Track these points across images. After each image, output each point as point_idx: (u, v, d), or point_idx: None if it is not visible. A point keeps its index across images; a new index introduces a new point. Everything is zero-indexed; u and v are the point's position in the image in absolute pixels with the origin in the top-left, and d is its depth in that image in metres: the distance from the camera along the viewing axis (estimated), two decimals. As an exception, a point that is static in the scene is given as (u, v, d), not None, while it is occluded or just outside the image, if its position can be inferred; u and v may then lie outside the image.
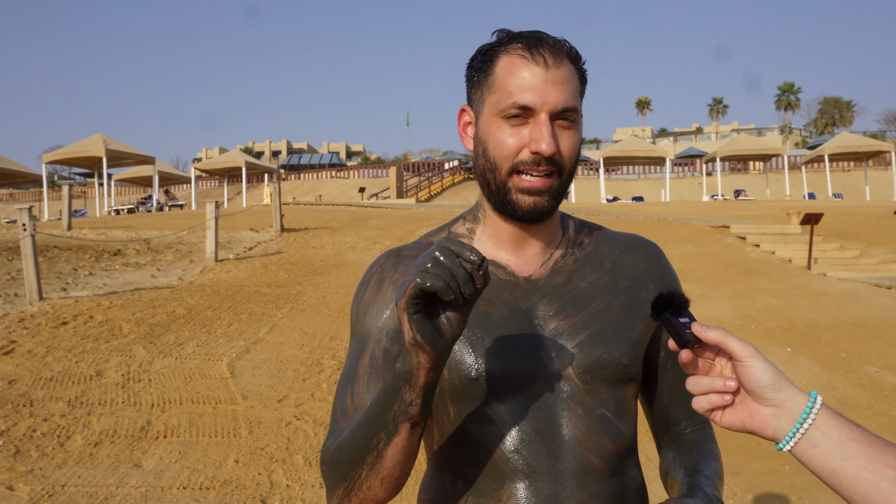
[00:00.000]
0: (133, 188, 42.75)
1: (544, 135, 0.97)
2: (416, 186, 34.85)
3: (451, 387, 1.03)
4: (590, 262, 1.11)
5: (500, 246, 1.09)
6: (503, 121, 1.00)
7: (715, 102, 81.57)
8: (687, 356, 0.84)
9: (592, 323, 1.04)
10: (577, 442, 1.00)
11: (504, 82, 1.00)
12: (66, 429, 4.37)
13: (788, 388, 0.79)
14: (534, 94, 0.97)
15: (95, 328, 6.43)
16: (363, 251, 11.13)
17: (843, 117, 71.61)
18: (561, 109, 0.98)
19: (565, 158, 1.01)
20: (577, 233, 1.15)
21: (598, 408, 1.02)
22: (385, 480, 0.93)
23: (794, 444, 0.78)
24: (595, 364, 1.02)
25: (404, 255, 1.11)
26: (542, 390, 1.01)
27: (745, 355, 0.80)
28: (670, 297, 0.86)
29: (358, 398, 1.02)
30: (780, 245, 11.97)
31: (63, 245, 10.74)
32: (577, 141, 1.02)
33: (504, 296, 1.06)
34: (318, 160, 70.95)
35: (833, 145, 29.34)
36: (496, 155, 1.01)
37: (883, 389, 5.56)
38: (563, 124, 1.00)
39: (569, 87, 0.99)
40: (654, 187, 37.88)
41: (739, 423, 0.82)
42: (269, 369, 5.59)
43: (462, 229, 1.14)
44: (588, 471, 1.00)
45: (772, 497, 3.86)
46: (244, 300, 7.77)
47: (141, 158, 26.52)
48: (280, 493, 3.70)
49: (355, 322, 1.10)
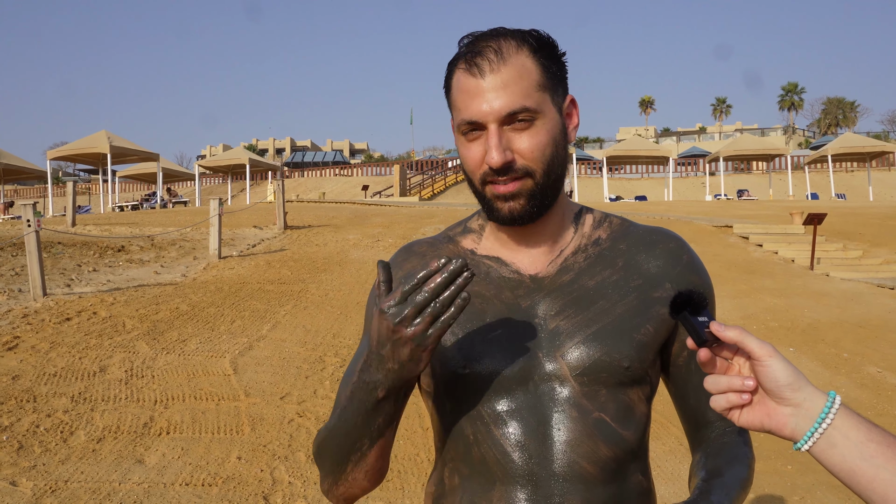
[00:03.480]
0: (137, 185, 42.80)
1: (490, 147, 0.96)
2: (419, 185, 34.84)
3: (443, 381, 1.03)
4: (602, 259, 1.08)
5: (505, 244, 1.09)
6: (463, 137, 1.01)
7: (718, 102, 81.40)
8: (705, 355, 0.84)
9: (594, 323, 1.01)
10: (568, 446, 0.97)
11: (455, 100, 1.01)
12: (69, 424, 4.39)
13: (807, 388, 0.79)
14: (477, 108, 0.96)
15: (99, 324, 6.44)
16: (366, 249, 11.14)
17: (846, 118, 71.41)
18: (507, 114, 0.95)
19: (529, 160, 0.98)
20: (595, 228, 1.11)
21: (596, 412, 0.99)
22: (369, 472, 1.01)
23: (812, 443, 0.78)
24: (593, 366, 0.99)
25: (412, 252, 1.12)
26: (536, 392, 0.99)
27: (764, 354, 0.79)
28: (689, 295, 0.85)
29: None
30: (783, 245, 11.96)
31: (67, 241, 10.77)
32: (544, 137, 0.98)
33: (504, 294, 1.05)
34: (322, 158, 70.92)
35: (836, 146, 29.27)
36: (467, 170, 1.03)
37: (885, 390, 5.56)
38: (519, 126, 0.97)
39: (515, 88, 0.96)
40: (657, 187, 37.82)
41: (757, 423, 0.82)
42: (271, 366, 5.60)
43: (475, 225, 1.15)
44: (580, 477, 0.97)
45: (774, 497, 3.86)
46: (247, 297, 7.78)
47: (145, 155, 26.53)
48: (282, 490, 3.71)
49: (367, 318, 1.13)
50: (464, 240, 1.13)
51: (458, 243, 1.13)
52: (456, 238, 1.14)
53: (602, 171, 30.29)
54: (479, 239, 1.12)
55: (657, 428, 4.73)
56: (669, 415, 4.94)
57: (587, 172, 40.89)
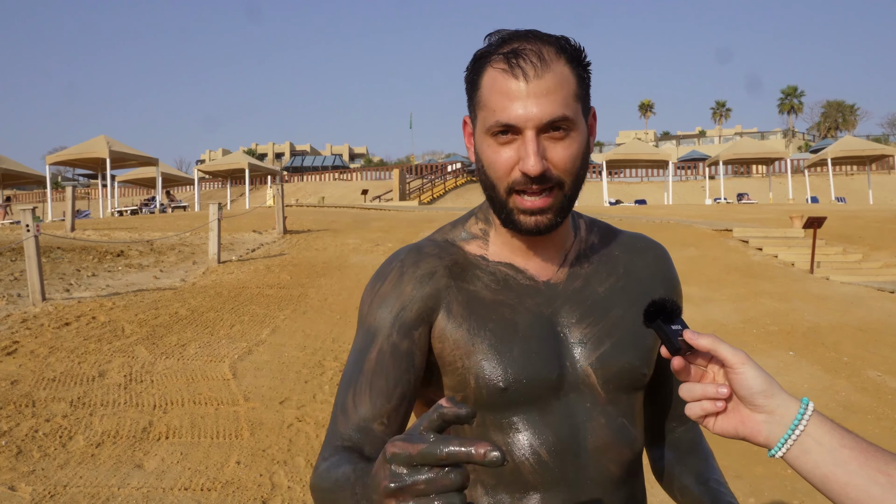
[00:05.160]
0: (136, 190, 42.83)
1: (529, 154, 0.92)
2: (418, 189, 34.87)
3: (476, 396, 1.00)
4: (604, 265, 1.10)
5: (516, 251, 1.07)
6: (492, 139, 0.96)
7: (718, 106, 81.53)
8: (679, 363, 0.85)
9: (614, 332, 1.03)
10: (599, 451, 1.00)
11: (488, 99, 0.96)
12: (68, 429, 4.38)
13: (780, 395, 0.80)
14: (516, 111, 0.92)
15: (98, 329, 6.44)
16: (366, 253, 11.13)
17: (846, 121, 71.54)
18: (548, 122, 0.93)
19: (562, 171, 0.95)
20: (588, 233, 1.13)
21: (619, 417, 1.02)
22: None
23: (785, 450, 0.79)
24: (618, 374, 1.02)
25: (425, 253, 1.06)
26: (567, 400, 1.01)
27: (737, 362, 0.80)
28: (662, 303, 0.86)
29: (359, 397, 0.98)
30: (783, 249, 11.97)
31: (66, 246, 10.76)
32: (577, 149, 0.96)
33: (527, 301, 1.03)
34: (322, 162, 70.98)
35: (836, 149, 29.30)
36: (491, 175, 0.98)
37: (885, 394, 5.55)
38: (556, 135, 0.94)
39: (557, 96, 0.93)
40: (656, 190, 37.84)
41: (731, 430, 0.83)
42: (271, 371, 5.59)
43: (477, 230, 1.10)
44: (608, 479, 1.01)
45: (774, 501, 3.85)
46: (246, 302, 7.77)
47: (144, 160, 26.55)
48: (281, 495, 3.70)
49: (367, 314, 1.04)
50: (468, 245, 1.09)
51: (463, 248, 1.09)
52: (458, 243, 1.09)
53: (602, 174, 30.29)
54: (485, 245, 1.08)
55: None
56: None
57: (587, 176, 40.91)
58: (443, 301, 1.02)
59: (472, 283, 1.04)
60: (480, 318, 1.01)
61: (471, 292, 1.03)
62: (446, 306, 1.02)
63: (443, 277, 1.03)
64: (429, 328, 1.02)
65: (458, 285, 1.03)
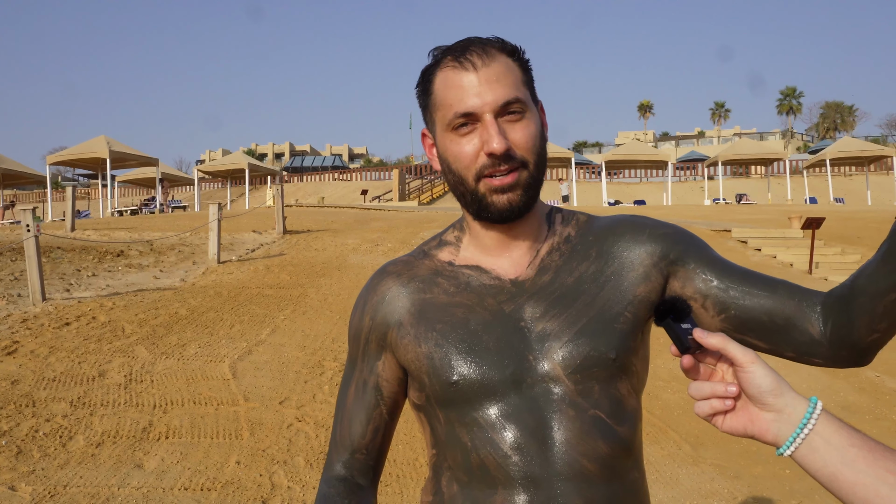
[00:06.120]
0: (136, 190, 42.82)
1: (492, 134, 0.97)
2: (418, 189, 34.88)
3: (433, 393, 1.04)
4: (576, 254, 1.09)
5: (486, 251, 1.10)
6: (453, 133, 1.01)
7: (717, 106, 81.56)
8: (688, 362, 0.86)
9: (578, 320, 1.02)
10: (569, 445, 0.98)
11: (444, 97, 1.01)
12: (68, 429, 4.39)
13: (789, 394, 0.80)
14: (471, 99, 0.98)
15: (98, 329, 6.45)
16: (365, 253, 11.15)
17: (844, 122, 71.57)
18: (503, 104, 0.98)
19: (524, 150, 1.00)
20: (564, 225, 1.13)
21: (591, 409, 1.00)
22: None
23: (794, 448, 0.79)
24: (584, 362, 1.00)
25: (386, 272, 1.13)
26: (531, 394, 1.00)
27: (746, 361, 0.81)
28: (672, 303, 0.88)
29: (343, 433, 1.14)
30: (782, 249, 11.98)
31: (66, 246, 10.77)
32: (533, 130, 1.01)
33: (486, 301, 1.05)
34: (321, 162, 71.01)
35: (835, 150, 29.33)
36: (458, 167, 1.02)
37: (883, 394, 5.57)
38: (512, 118, 1.00)
39: (507, 81, 0.99)
40: (655, 191, 37.86)
41: (740, 428, 0.83)
42: (270, 371, 5.60)
43: (451, 237, 1.15)
44: (583, 475, 0.98)
45: (772, 501, 3.86)
46: (246, 302, 7.78)
47: (144, 160, 26.55)
48: (281, 495, 3.71)
49: (348, 341, 1.18)
50: (440, 253, 1.13)
51: (435, 257, 1.13)
52: (431, 252, 1.14)
53: (601, 175, 30.30)
54: (456, 250, 1.12)
55: (656, 432, 4.73)
56: (668, 419, 4.94)
57: (586, 177, 40.93)
58: (394, 320, 1.09)
59: (428, 292, 1.09)
60: (429, 321, 1.06)
61: (425, 300, 1.08)
62: (397, 323, 1.09)
63: (395, 297, 1.10)
64: (391, 351, 1.10)
65: (413, 297, 1.09)
